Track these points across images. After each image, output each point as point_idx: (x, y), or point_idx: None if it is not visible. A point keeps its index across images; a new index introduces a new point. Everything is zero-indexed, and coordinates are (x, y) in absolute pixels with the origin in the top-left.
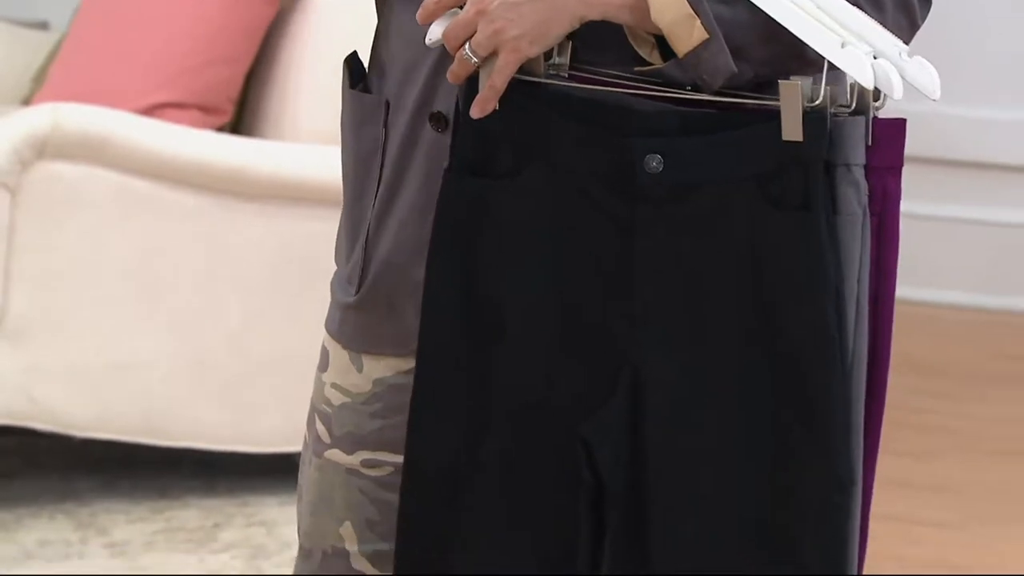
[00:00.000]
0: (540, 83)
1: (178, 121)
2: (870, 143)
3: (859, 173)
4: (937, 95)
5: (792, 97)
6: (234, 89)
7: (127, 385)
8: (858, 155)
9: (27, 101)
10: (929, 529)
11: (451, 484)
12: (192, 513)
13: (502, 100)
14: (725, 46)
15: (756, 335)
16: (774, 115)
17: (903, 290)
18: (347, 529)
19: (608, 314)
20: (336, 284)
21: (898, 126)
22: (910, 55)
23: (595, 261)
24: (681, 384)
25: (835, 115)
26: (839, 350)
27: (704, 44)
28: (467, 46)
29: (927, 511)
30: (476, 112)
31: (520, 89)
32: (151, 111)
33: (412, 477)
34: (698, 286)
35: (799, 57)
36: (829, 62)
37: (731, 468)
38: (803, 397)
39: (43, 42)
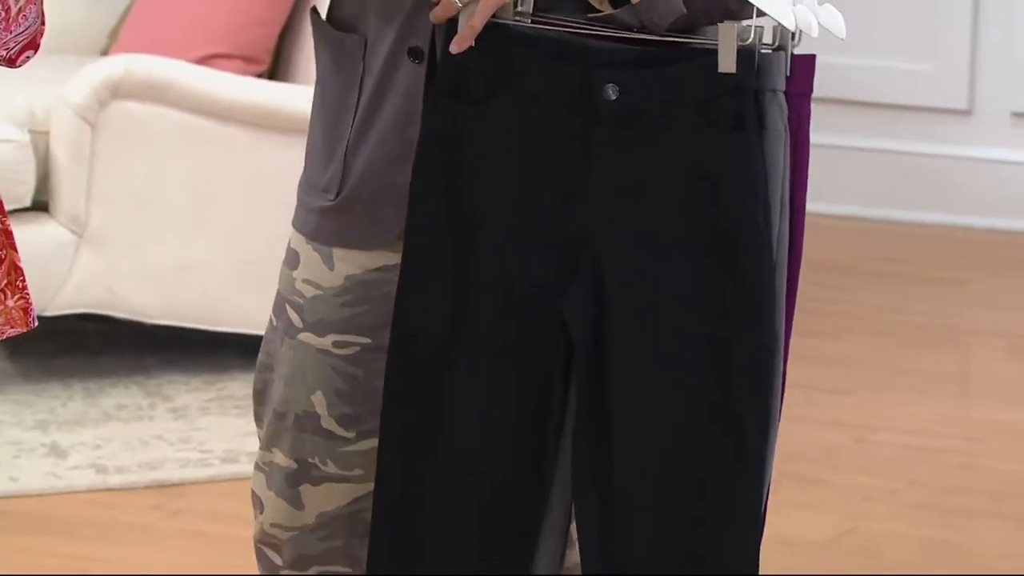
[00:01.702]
0: (508, 25)
1: (225, 69)
2: (788, 74)
3: (781, 98)
4: (843, 36)
5: (728, 37)
6: (270, 43)
7: (186, 281)
8: (780, 82)
9: (105, 52)
10: (825, 395)
11: (438, 350)
12: (239, 384)
13: (476, 38)
14: None
15: (698, 228)
16: (711, 52)
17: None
18: (318, 397)
19: (569, 215)
20: (308, 195)
21: (809, 60)
22: (821, 3)
23: (558, 172)
24: (634, 264)
25: (761, 51)
26: (767, 241)
27: None
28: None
29: (824, 380)
30: (455, 48)
31: (491, 30)
32: (204, 61)
33: (400, 345)
34: (647, 191)
35: (726, 4)
36: (758, 8)
37: (679, 324)
38: (740, 279)
39: (118, 5)
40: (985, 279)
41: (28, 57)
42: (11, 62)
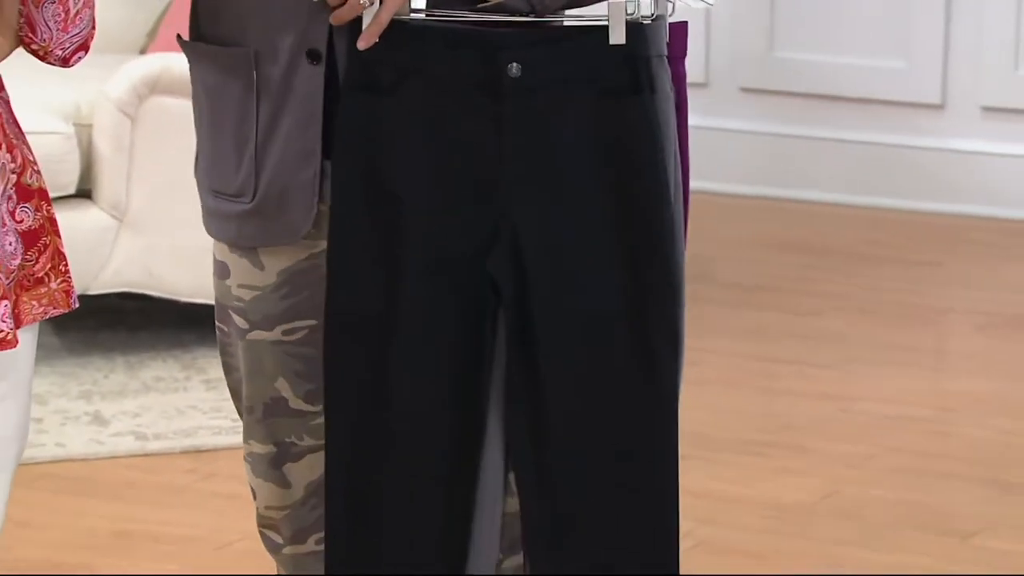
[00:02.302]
0: (406, 21)
1: None
2: (667, 40)
3: (666, 62)
4: (712, 2)
5: (617, 12)
6: None
7: None
8: (663, 48)
9: (143, 51)
10: (812, 368)
11: (376, 321)
12: None
13: (380, 35)
14: None
15: (603, 185)
16: (601, 27)
17: (799, 192)
18: (280, 383)
19: (485, 185)
20: (220, 204)
21: (683, 27)
22: None
23: (471, 148)
24: (548, 222)
25: (643, 22)
26: (667, 191)
27: None
28: None
29: (811, 355)
30: (363, 44)
31: (391, 27)
32: None
33: (336, 322)
34: (554, 156)
35: None
36: None
37: (593, 272)
38: (646, 226)
39: (155, 7)
40: (958, 261)
41: (80, 58)
42: (65, 62)
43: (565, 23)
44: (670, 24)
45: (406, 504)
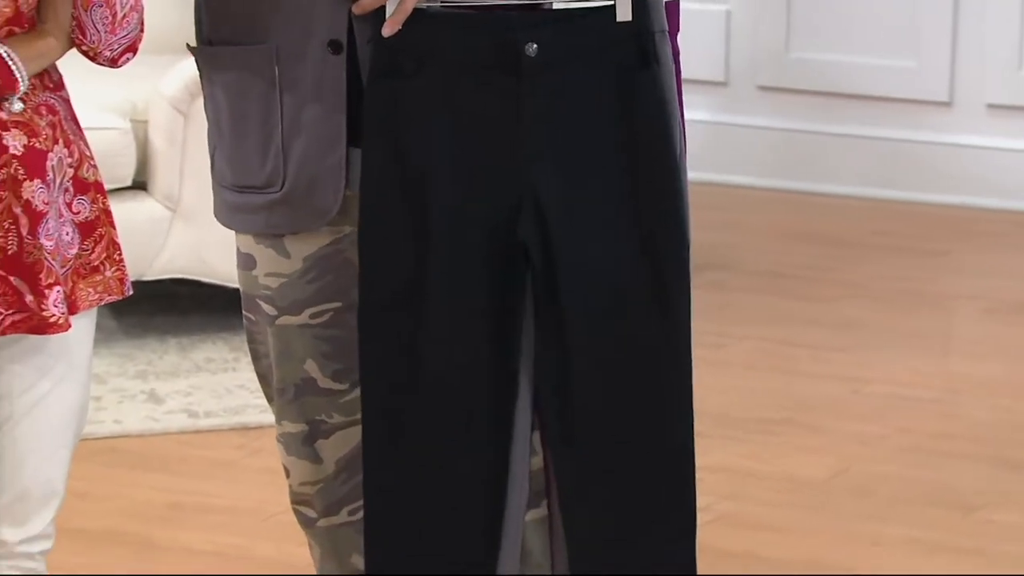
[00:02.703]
0: (423, 9)
1: None
2: (627, 18)
3: (667, 36)
4: None
5: None
6: None
7: None
8: (664, 23)
9: None
10: (826, 352)
11: (407, 296)
12: None
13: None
14: None
15: (617, 151)
16: (608, 7)
17: (814, 185)
18: (309, 364)
19: (508, 158)
20: (246, 198)
21: (676, 5)
22: None
23: (492, 123)
24: (569, 188)
25: None
26: (675, 155)
27: None
28: None
29: (825, 340)
30: (388, 31)
31: (412, 15)
32: None
33: (370, 300)
34: (571, 127)
35: None
36: None
37: (611, 228)
38: (659, 187)
39: None
40: (965, 250)
41: (128, 59)
42: (113, 62)
43: (572, 5)
44: (665, 3)
45: (444, 465)
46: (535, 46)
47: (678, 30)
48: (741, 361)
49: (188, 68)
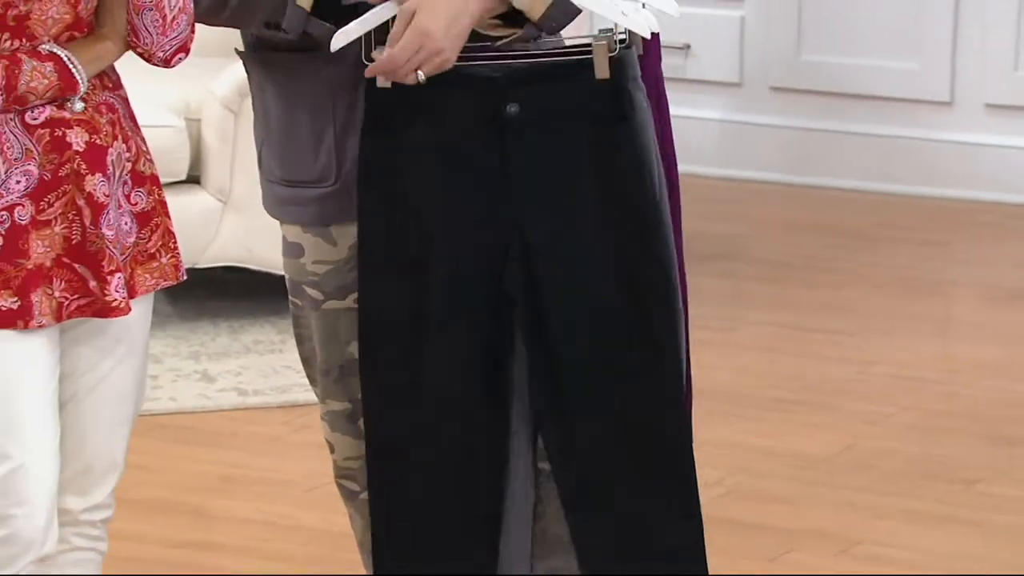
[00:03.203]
0: None
1: None
2: (642, 53)
3: (640, 81)
4: (676, 13)
5: (601, 50)
6: None
7: None
8: (636, 69)
9: None
10: (834, 336)
11: (407, 324)
12: None
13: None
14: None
15: (599, 198)
16: (586, 63)
17: (822, 180)
18: (353, 346)
19: (497, 208)
20: (294, 192)
21: (656, 37)
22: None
23: (482, 173)
24: (554, 234)
25: (621, 52)
26: (653, 192)
27: (553, 4)
28: (419, 74)
29: (833, 324)
30: (380, 83)
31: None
32: None
33: (370, 322)
34: (554, 178)
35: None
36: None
37: (594, 265)
38: (636, 219)
39: None
40: (965, 241)
41: (180, 59)
42: (167, 63)
43: (555, 59)
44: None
45: (442, 486)
46: (516, 107)
47: (659, 58)
48: (753, 344)
49: (239, 70)
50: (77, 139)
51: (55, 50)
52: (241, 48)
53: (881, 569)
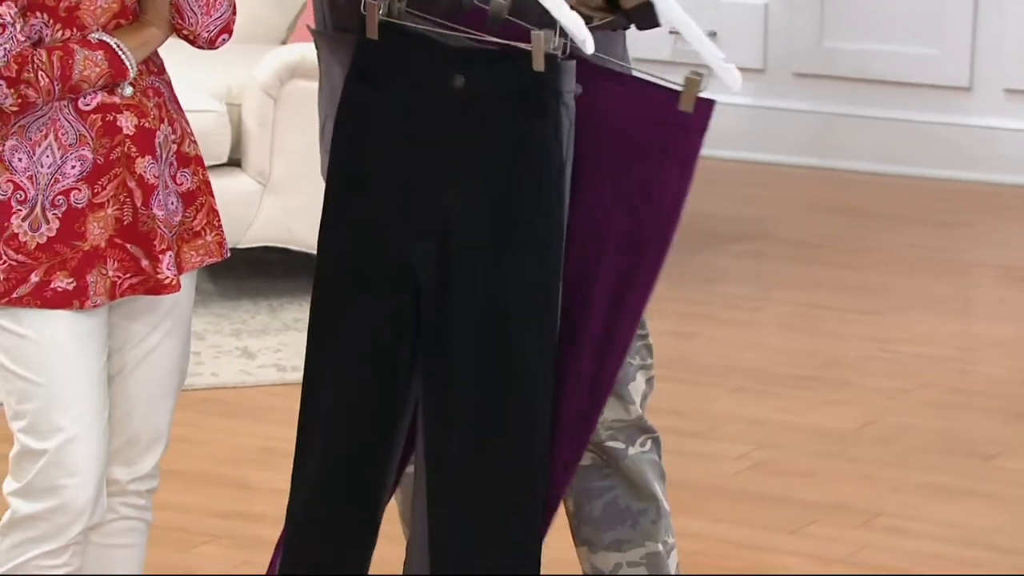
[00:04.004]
0: (396, 23)
1: None
2: (689, 110)
3: (571, 99)
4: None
5: (538, 43)
6: None
7: None
8: (572, 86)
9: (284, 41)
10: (856, 315)
11: (338, 274)
12: None
13: (381, 30)
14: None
15: (506, 189)
16: (528, 54)
17: (844, 163)
18: None
19: (429, 172)
20: None
21: (708, 104)
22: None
23: (421, 142)
24: (468, 216)
25: (559, 58)
26: (550, 203)
27: (647, 4)
28: None
29: (855, 303)
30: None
31: (389, 26)
32: None
33: (320, 270)
34: (479, 152)
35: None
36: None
37: (486, 258)
38: (528, 226)
39: (295, 3)
40: (982, 222)
41: (224, 40)
42: (211, 43)
43: (507, 44)
44: (698, 98)
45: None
46: (462, 78)
47: (706, 128)
48: (777, 323)
49: (278, 56)
50: (127, 123)
51: (104, 38)
52: (313, 27)
53: (900, 541)
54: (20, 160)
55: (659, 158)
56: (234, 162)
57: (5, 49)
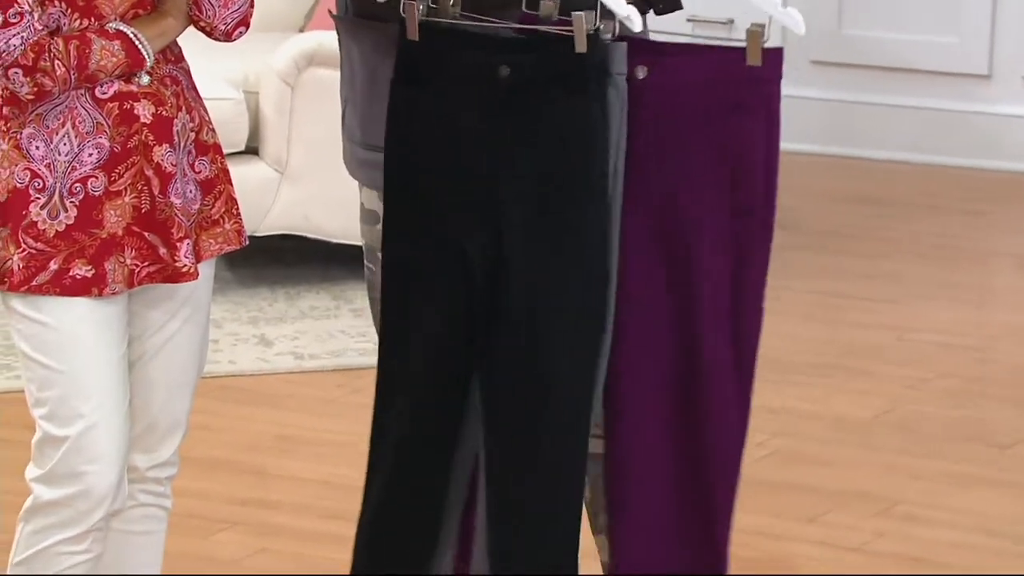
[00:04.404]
0: (445, 22)
1: None
2: (757, 63)
3: (621, 80)
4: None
5: (580, 25)
6: None
7: None
8: (622, 67)
9: (302, 30)
10: (874, 303)
11: (406, 265)
12: None
13: (422, 31)
14: None
15: (555, 172)
16: (570, 37)
17: (864, 151)
18: None
19: (485, 166)
20: (373, 156)
21: (777, 52)
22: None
23: (472, 133)
24: (521, 198)
25: (604, 38)
26: (599, 188)
27: None
28: None
29: (874, 291)
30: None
31: (430, 26)
32: None
33: (386, 262)
34: (527, 140)
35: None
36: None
37: (544, 245)
38: (577, 215)
39: None
40: (1002, 210)
41: (241, 33)
42: (228, 36)
43: (548, 30)
44: (764, 49)
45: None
46: (507, 68)
47: (780, 77)
48: (797, 311)
49: (295, 44)
50: (144, 111)
51: (122, 28)
52: (335, 12)
53: (918, 529)
54: (38, 148)
55: (741, 117)
56: (251, 150)
57: (22, 38)
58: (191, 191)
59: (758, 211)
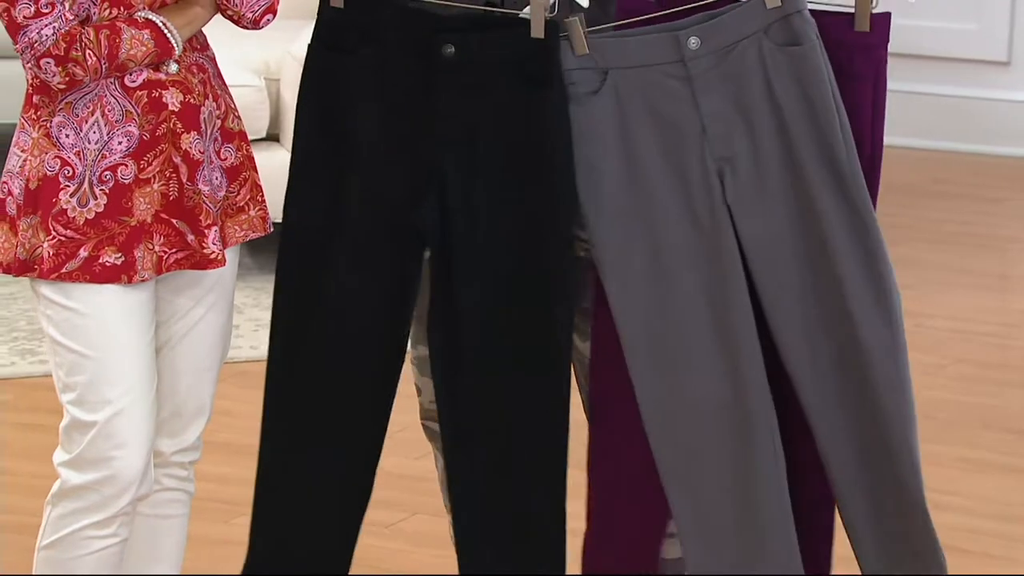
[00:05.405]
0: None
1: None
2: (866, 28)
3: (583, 74)
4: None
5: (537, 8)
6: None
7: None
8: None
9: None
10: None
11: (316, 247)
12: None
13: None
14: None
15: (511, 154)
16: (525, 21)
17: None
18: None
19: (421, 142)
20: None
21: (887, 16)
22: None
23: (412, 110)
24: (468, 181)
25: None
26: (552, 165)
27: None
28: None
29: (897, 279)
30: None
31: None
32: None
33: (286, 240)
34: (475, 122)
35: None
36: None
37: (500, 224)
38: (536, 194)
39: None
40: (1020, 197)
41: (268, 20)
42: (255, 23)
43: (500, 11)
44: (874, 15)
45: (335, 396)
46: (452, 48)
47: (887, 41)
48: None
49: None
50: (172, 99)
51: (151, 17)
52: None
53: (938, 515)
54: (67, 136)
55: (848, 81)
56: (272, 137)
57: (54, 28)
58: (217, 178)
59: (869, 175)
